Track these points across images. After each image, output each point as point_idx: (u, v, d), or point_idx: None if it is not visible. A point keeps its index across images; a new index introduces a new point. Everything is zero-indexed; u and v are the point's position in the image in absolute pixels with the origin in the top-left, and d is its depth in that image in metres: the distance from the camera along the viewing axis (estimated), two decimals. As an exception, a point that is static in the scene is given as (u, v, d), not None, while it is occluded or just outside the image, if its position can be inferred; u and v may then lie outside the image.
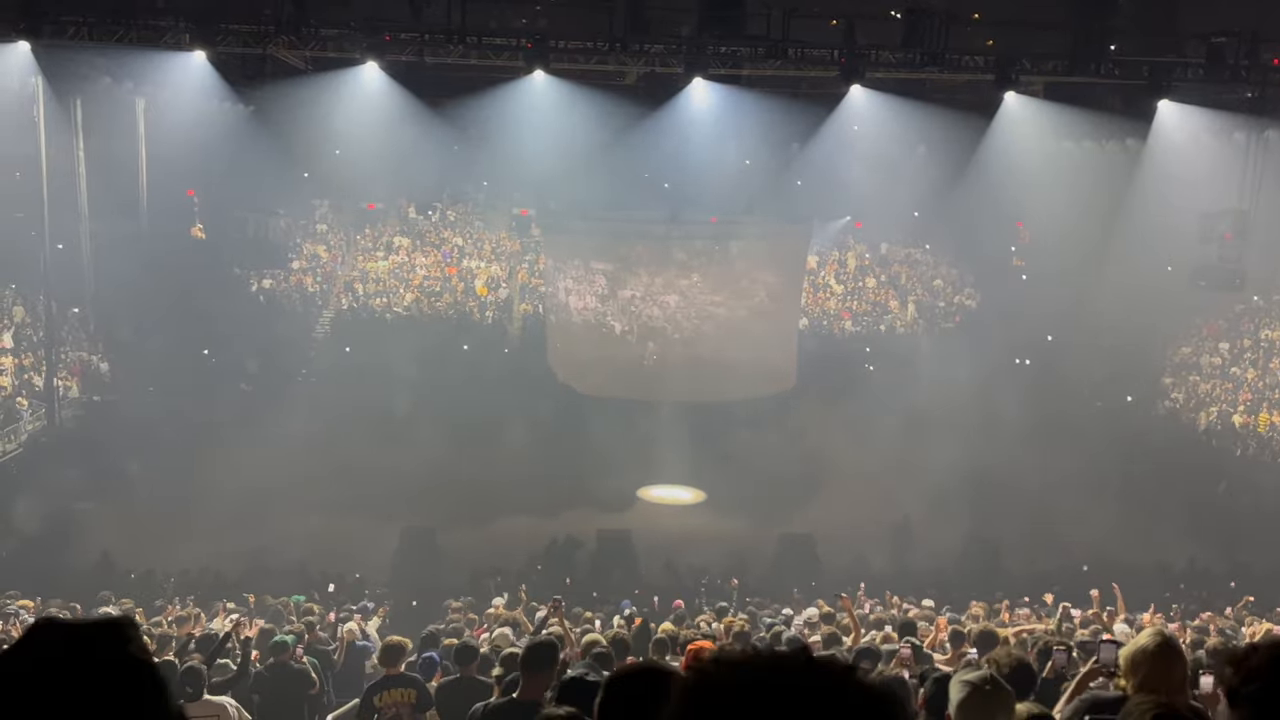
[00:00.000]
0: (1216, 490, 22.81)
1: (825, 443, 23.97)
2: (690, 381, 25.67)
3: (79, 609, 12.89)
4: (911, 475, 22.10)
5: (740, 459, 23.00)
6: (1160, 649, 3.72)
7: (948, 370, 26.27)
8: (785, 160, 28.41)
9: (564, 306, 28.00)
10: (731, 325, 26.99)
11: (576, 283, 27.66)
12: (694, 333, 26.85)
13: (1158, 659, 3.70)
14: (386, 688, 7.40)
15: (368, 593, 15.28)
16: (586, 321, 27.49)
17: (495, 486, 21.49)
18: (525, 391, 26.00)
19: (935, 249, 33.68)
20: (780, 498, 21.68)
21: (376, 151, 26.09)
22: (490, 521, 20.63)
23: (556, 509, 21.16)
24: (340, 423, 23.51)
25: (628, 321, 27.14)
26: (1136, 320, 26.65)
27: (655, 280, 26.86)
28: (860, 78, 20.71)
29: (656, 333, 26.99)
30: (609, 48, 20.51)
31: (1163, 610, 13.57)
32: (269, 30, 19.80)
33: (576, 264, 27.77)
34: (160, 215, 27.74)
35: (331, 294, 30.92)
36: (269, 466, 21.27)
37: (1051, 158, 27.47)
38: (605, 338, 27.30)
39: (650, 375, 26.18)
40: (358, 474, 21.12)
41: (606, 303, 27.23)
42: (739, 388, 26.07)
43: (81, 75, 23.08)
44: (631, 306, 27.04)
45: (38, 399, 23.07)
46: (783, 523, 20.59)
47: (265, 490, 20.25)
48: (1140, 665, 3.73)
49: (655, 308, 26.94)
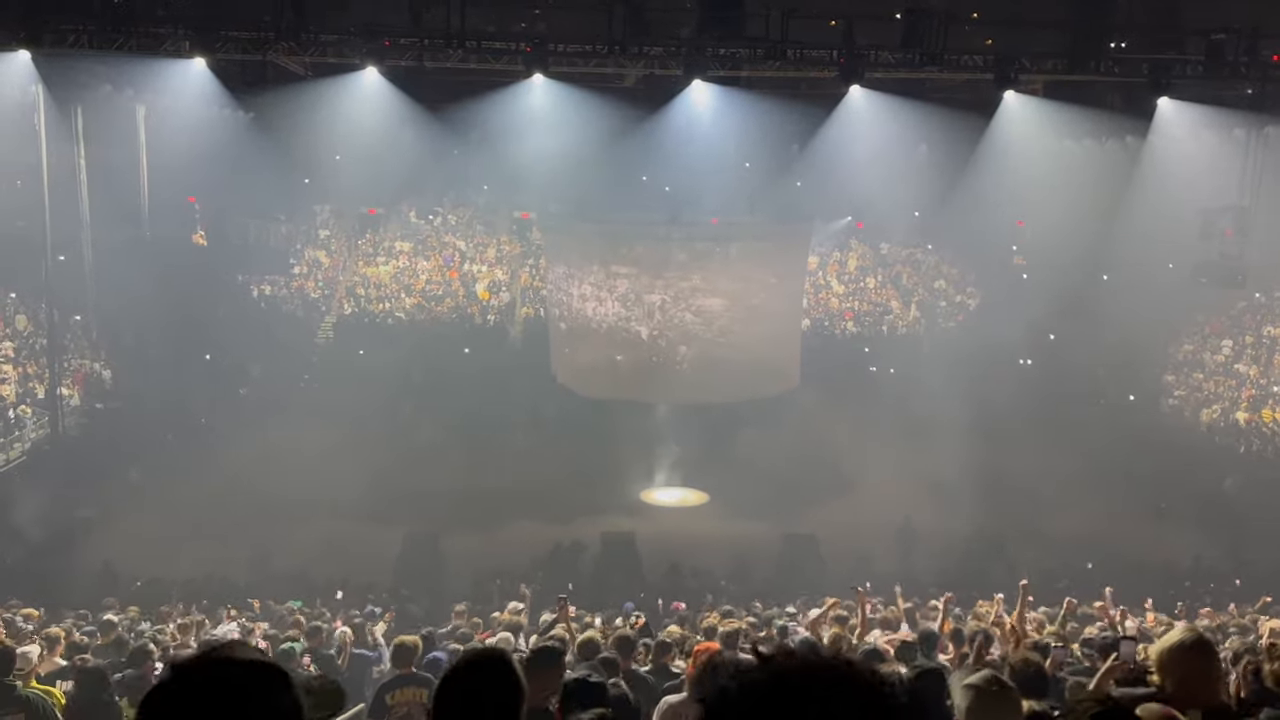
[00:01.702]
0: (1221, 487, 22.77)
1: (828, 443, 23.98)
2: (693, 383, 25.68)
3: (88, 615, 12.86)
4: (915, 475, 22.10)
5: (744, 460, 22.99)
6: (1196, 645, 3.64)
7: (950, 370, 26.26)
8: (785, 161, 28.44)
9: (566, 309, 28.00)
10: (733, 326, 26.97)
11: (579, 285, 27.65)
12: (696, 334, 26.83)
13: (1194, 656, 3.63)
14: (399, 686, 7.43)
15: (371, 597, 15.27)
16: (589, 324, 27.48)
17: (498, 490, 21.50)
18: (528, 395, 26.02)
19: (937, 248, 33.70)
20: (784, 499, 21.65)
21: (377, 156, 26.13)
22: (493, 525, 20.62)
23: (560, 512, 21.15)
24: (343, 428, 23.53)
25: (630, 324, 27.13)
26: (1139, 318, 26.63)
27: (657, 282, 26.85)
28: (859, 78, 20.69)
29: (659, 335, 26.98)
30: (608, 50, 20.51)
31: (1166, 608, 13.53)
32: (269, 37, 19.81)
33: (578, 267, 27.77)
34: (161, 222, 27.80)
35: (333, 299, 30.96)
36: (272, 472, 21.31)
37: (1052, 156, 27.47)
38: (608, 340, 27.29)
39: (653, 377, 26.16)
40: (360, 479, 21.12)
41: (608, 305, 27.22)
42: (742, 389, 26.06)
43: (82, 83, 23.12)
44: (633, 308, 27.03)
45: (41, 407, 23.10)
46: (787, 523, 20.56)
47: (268, 496, 20.26)
48: (1177, 663, 3.65)
49: (657, 309, 26.93)
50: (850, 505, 22.02)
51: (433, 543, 19.18)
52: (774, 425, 23.82)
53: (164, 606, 13.91)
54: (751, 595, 16.15)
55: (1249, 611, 13.34)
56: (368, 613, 12.75)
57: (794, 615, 12.61)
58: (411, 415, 24.67)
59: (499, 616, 12.35)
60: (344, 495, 20.56)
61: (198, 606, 13.71)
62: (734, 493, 22.88)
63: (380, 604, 14.40)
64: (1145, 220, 25.27)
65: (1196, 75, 21.07)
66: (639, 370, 26.62)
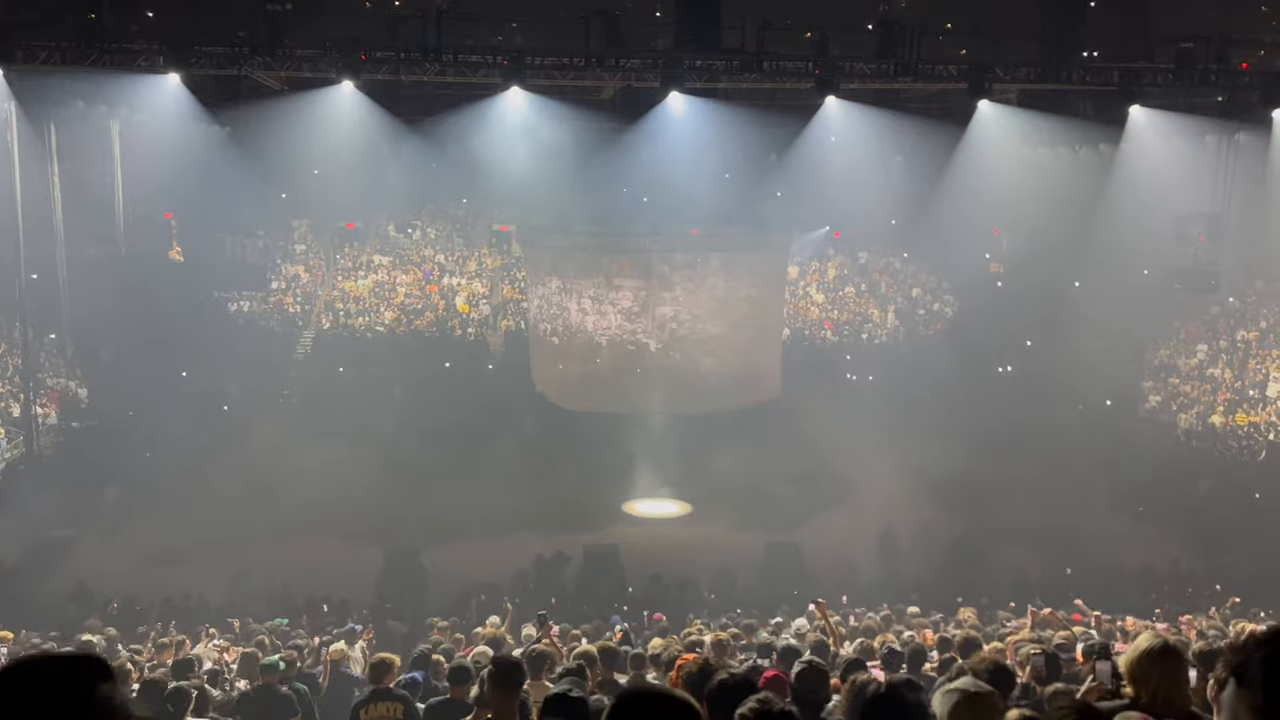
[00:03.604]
0: (1198, 491, 22.96)
1: (810, 452, 24.04)
2: (675, 394, 25.71)
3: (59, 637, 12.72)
4: (895, 483, 22.19)
5: (726, 470, 23.00)
6: (1163, 652, 3.66)
7: (929, 378, 26.41)
8: (763, 172, 28.55)
9: (546, 321, 27.97)
10: (714, 336, 27.04)
11: (559, 297, 27.65)
12: (678, 345, 26.88)
13: (1162, 662, 3.65)
14: (373, 701, 7.36)
15: (353, 616, 15.15)
16: (570, 336, 27.47)
17: (480, 504, 21.38)
18: (509, 408, 25.95)
19: (914, 257, 33.89)
20: (766, 508, 21.68)
21: (355, 171, 26.08)
22: (475, 539, 20.52)
23: (542, 525, 21.07)
24: (323, 444, 23.38)
25: (611, 335, 27.13)
26: (1115, 324, 26.87)
27: (638, 293, 26.89)
28: (835, 89, 20.87)
29: (640, 346, 27.00)
30: (585, 63, 20.58)
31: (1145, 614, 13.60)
32: (243, 52, 19.76)
33: (558, 279, 27.77)
34: (137, 238, 27.60)
35: (312, 314, 30.80)
36: (250, 489, 21.15)
37: (1026, 164, 27.76)
38: (589, 352, 27.28)
39: (635, 388, 26.16)
40: (341, 495, 20.99)
41: (589, 316, 27.22)
42: (723, 399, 26.10)
43: (55, 100, 22.96)
44: (614, 320, 27.04)
45: (15, 426, 22.84)
46: (769, 533, 20.58)
47: (247, 513, 20.11)
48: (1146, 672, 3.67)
49: (639, 320, 26.95)
50: (832, 514, 22.07)
51: (414, 558, 19.07)
52: (756, 435, 23.85)
53: (142, 627, 13.76)
54: (734, 605, 16.15)
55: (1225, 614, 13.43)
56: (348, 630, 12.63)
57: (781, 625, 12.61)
58: (392, 430, 24.53)
59: (481, 632, 12.28)
60: (324, 511, 20.42)
61: (175, 626, 13.55)
62: (716, 503, 22.88)
63: (360, 621, 14.28)
64: (1120, 227, 25.52)
65: (1167, 83, 21.37)
66: (621, 381, 26.61)
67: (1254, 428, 24.49)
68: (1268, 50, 26.48)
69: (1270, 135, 22.83)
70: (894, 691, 3.60)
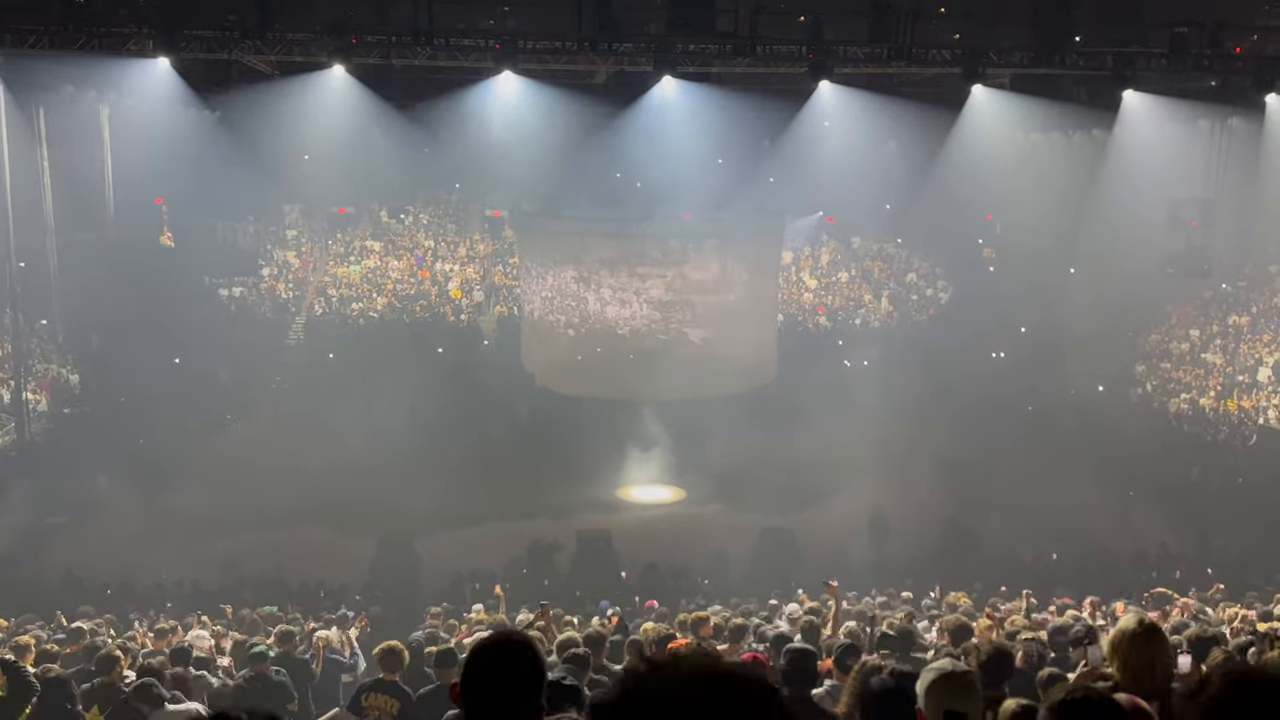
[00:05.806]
0: (1189, 476, 23.06)
1: (804, 437, 24.05)
2: (669, 379, 25.66)
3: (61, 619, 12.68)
4: (889, 467, 22.21)
5: (720, 455, 23.02)
6: (1141, 631, 3.71)
7: (923, 362, 26.44)
8: (757, 157, 28.44)
9: (539, 306, 27.93)
10: (708, 322, 27.03)
11: (552, 282, 27.60)
12: (672, 330, 26.86)
13: (1138, 642, 3.69)
14: (376, 690, 7.44)
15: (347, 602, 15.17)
16: (563, 321, 27.43)
17: (473, 490, 21.38)
18: (502, 393, 25.93)
19: (907, 242, 33.88)
20: (760, 493, 21.71)
21: (346, 156, 25.89)
22: (469, 525, 20.53)
23: (536, 511, 21.10)
24: (315, 429, 23.33)
25: (605, 320, 27.11)
26: (1108, 308, 26.90)
27: (631, 279, 26.86)
28: (828, 73, 20.79)
29: (633, 331, 26.98)
30: (577, 47, 20.46)
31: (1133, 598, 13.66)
32: (234, 35, 19.61)
33: (551, 263, 27.71)
34: (128, 224, 27.44)
35: (304, 300, 30.70)
36: (243, 475, 21.10)
37: (1019, 149, 27.71)
38: (582, 337, 27.26)
39: (629, 373, 26.15)
40: (334, 481, 20.95)
41: (583, 302, 27.18)
42: (718, 384, 26.08)
43: (43, 84, 22.75)
44: (608, 305, 27.01)
45: (7, 413, 22.76)
46: (763, 518, 20.62)
47: (240, 499, 20.07)
48: (1122, 649, 3.73)
49: (632, 306, 26.92)
50: (826, 499, 22.11)
51: (407, 545, 19.08)
52: (750, 420, 23.87)
53: (134, 613, 13.76)
54: (729, 591, 16.20)
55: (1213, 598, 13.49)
56: (340, 616, 12.65)
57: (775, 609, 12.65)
58: (384, 415, 24.48)
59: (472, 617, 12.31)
60: (317, 498, 20.39)
61: (168, 612, 13.55)
62: (710, 488, 22.91)
63: (354, 608, 14.30)
64: (1113, 211, 25.54)
65: (1160, 68, 21.33)
66: (615, 367, 26.60)
67: (1245, 412, 24.59)
68: (1261, 35, 26.42)
69: (1263, 120, 22.84)
70: (901, 684, 3.64)
